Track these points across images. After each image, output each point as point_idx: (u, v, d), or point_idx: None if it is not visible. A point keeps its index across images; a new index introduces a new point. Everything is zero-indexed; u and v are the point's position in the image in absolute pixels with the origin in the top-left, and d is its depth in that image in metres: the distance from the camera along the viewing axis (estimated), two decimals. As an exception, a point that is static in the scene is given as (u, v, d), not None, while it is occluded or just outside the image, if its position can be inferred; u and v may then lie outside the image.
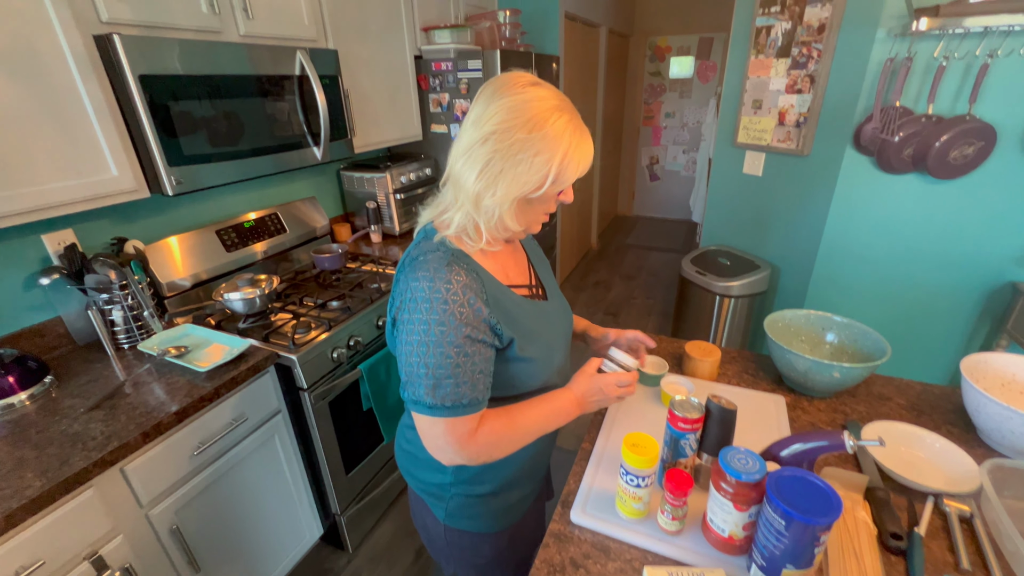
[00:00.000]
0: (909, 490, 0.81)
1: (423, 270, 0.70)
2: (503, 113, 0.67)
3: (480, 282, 0.72)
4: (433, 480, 0.87)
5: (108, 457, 0.97)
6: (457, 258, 0.72)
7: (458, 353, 0.69)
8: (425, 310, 0.68)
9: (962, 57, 1.57)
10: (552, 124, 0.67)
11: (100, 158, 1.14)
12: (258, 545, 1.39)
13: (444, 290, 0.68)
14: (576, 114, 0.71)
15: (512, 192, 0.69)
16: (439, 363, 0.68)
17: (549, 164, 0.68)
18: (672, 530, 0.74)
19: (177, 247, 1.53)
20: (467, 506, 0.87)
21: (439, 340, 0.68)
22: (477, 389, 0.71)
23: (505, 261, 0.82)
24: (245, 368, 1.24)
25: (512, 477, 0.88)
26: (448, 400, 0.69)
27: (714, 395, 0.77)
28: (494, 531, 0.91)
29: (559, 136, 0.67)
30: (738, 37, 2.20)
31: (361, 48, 1.84)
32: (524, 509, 0.95)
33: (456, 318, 0.68)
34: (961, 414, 0.99)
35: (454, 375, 0.69)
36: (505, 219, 0.72)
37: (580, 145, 0.69)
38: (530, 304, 0.81)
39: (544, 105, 0.68)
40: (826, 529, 0.58)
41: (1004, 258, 1.74)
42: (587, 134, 0.71)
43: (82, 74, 1.08)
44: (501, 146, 0.67)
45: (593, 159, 0.75)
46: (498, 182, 0.69)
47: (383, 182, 2.09)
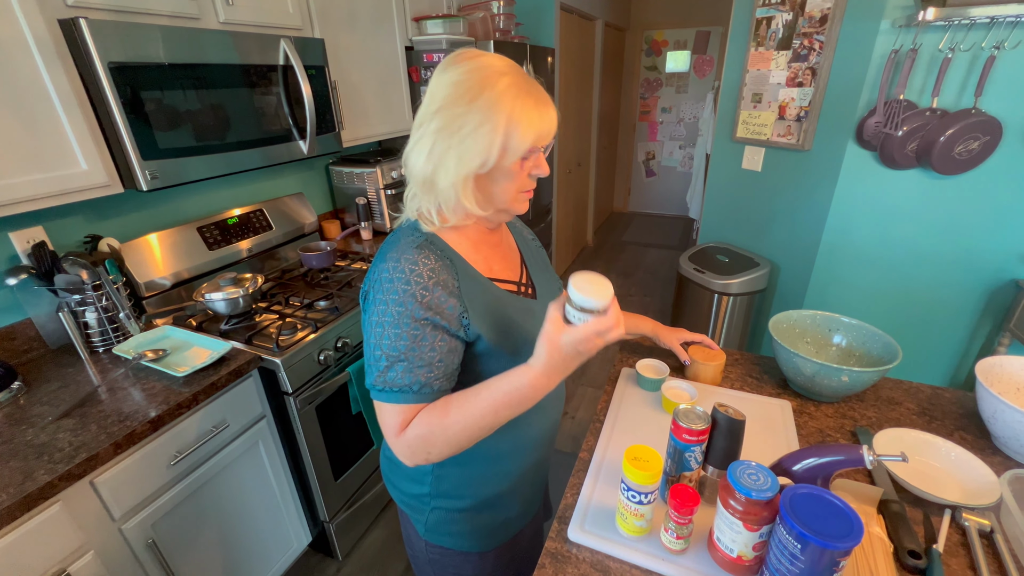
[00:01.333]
0: (925, 503, 0.77)
1: (392, 252, 0.67)
2: (445, 88, 0.64)
3: (452, 269, 0.68)
4: (412, 491, 0.82)
5: (76, 470, 0.91)
6: (430, 243, 0.69)
7: (413, 336, 0.64)
8: (386, 291, 0.65)
9: (968, 49, 1.53)
10: (491, 90, 0.62)
11: (68, 151, 1.07)
12: (243, 555, 1.33)
13: (408, 270, 0.65)
14: (523, 78, 0.65)
15: (462, 169, 0.64)
16: (392, 344, 0.64)
17: (493, 134, 0.62)
18: (676, 549, 0.69)
19: (156, 245, 1.47)
20: (447, 521, 0.81)
21: (395, 321, 0.64)
22: (432, 376, 0.66)
23: (489, 255, 0.77)
24: (226, 372, 1.18)
25: (496, 493, 0.81)
26: (395, 384, 0.64)
27: (720, 404, 0.73)
28: (477, 551, 0.84)
29: (498, 100, 0.62)
30: (737, 29, 2.14)
31: (349, 38, 1.77)
32: (515, 530, 0.88)
33: (415, 299, 0.64)
34: (974, 419, 0.95)
35: (407, 358, 0.64)
36: (463, 201, 0.66)
37: (527, 108, 0.63)
38: (514, 299, 0.75)
39: (486, 72, 0.63)
40: (846, 554, 0.53)
41: (1008, 255, 1.71)
42: (538, 96, 0.65)
43: (46, 61, 1.01)
44: (444, 122, 0.63)
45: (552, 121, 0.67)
46: (446, 161, 0.64)
47: (373, 177, 2.03)
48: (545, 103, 0.66)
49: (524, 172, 0.68)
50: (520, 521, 0.89)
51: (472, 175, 0.65)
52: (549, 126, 0.66)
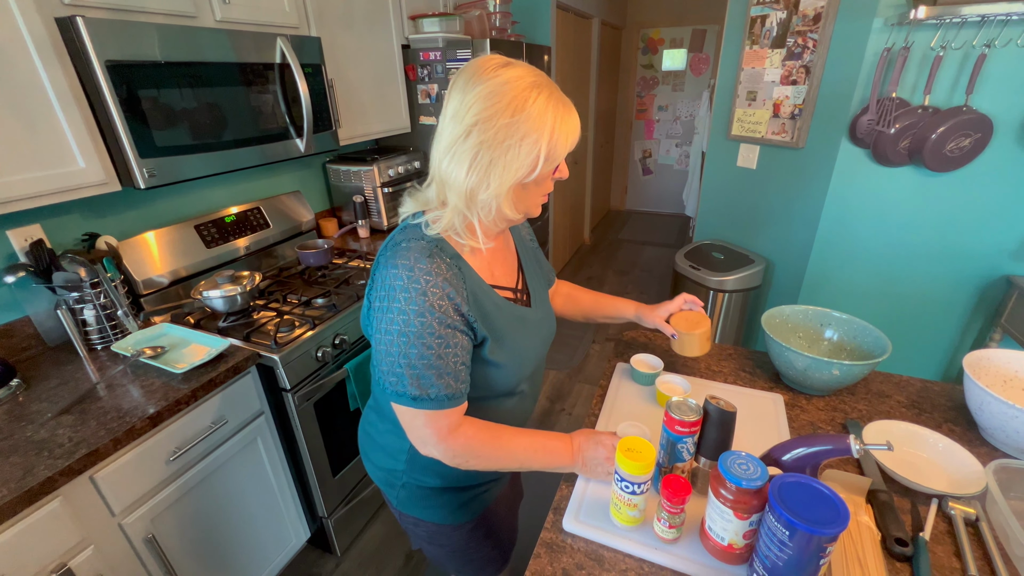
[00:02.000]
0: (912, 492, 0.79)
1: (403, 258, 0.68)
2: (481, 101, 0.65)
3: (461, 277, 0.70)
4: (386, 465, 0.88)
5: (76, 465, 0.91)
6: (440, 249, 0.70)
7: (440, 344, 0.67)
8: (404, 300, 0.67)
9: (959, 47, 1.55)
10: (533, 103, 0.64)
11: (65, 149, 1.08)
12: (242, 551, 1.34)
13: (424, 281, 0.66)
14: (555, 88, 0.68)
15: (507, 181, 0.67)
16: (421, 354, 0.67)
17: (539, 144, 0.65)
18: (669, 538, 0.70)
19: (154, 243, 1.47)
20: (418, 496, 0.87)
21: (420, 332, 0.67)
22: (460, 380, 0.70)
23: (492, 260, 0.80)
24: (225, 369, 1.19)
25: (463, 474, 0.85)
26: (432, 392, 0.68)
27: (712, 396, 0.74)
28: (449, 523, 0.90)
29: (543, 113, 0.65)
30: (732, 27, 2.16)
31: (346, 36, 1.78)
32: (484, 504, 0.93)
33: (436, 309, 0.67)
34: (962, 412, 0.96)
35: (436, 366, 0.68)
36: (504, 209, 0.70)
37: (566, 118, 0.67)
38: (511, 307, 0.78)
39: (521, 84, 0.65)
40: (832, 540, 0.55)
41: (999, 251, 1.73)
42: (570, 105, 0.69)
43: (43, 60, 1.01)
44: (486, 136, 0.65)
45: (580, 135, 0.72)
46: (490, 174, 0.66)
47: (370, 175, 2.03)
48: (574, 111, 0.69)
49: (551, 180, 0.73)
50: (490, 496, 0.94)
51: (515, 185, 0.68)
52: (578, 134, 0.70)
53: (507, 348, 0.76)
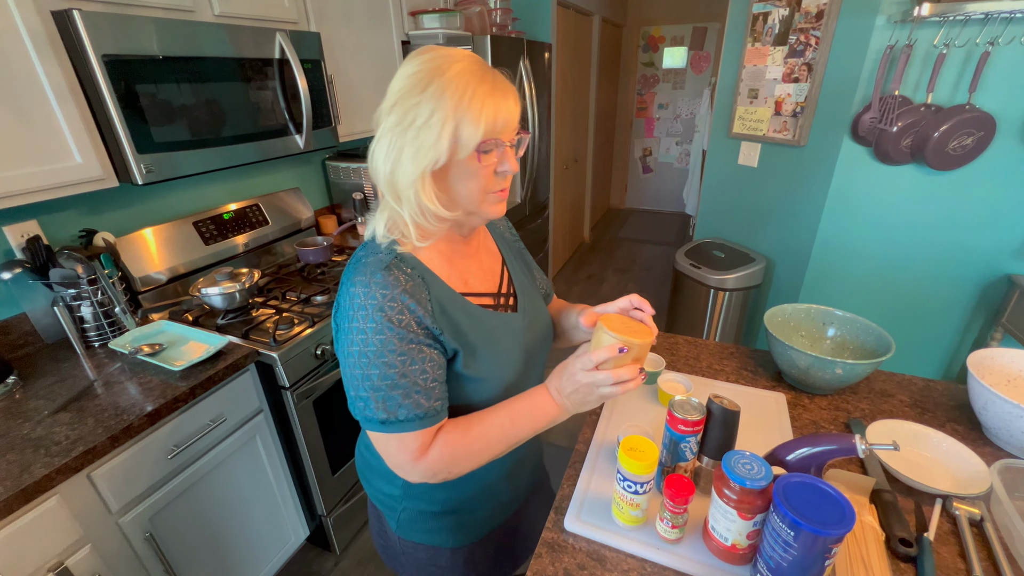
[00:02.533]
0: (916, 492, 0.78)
1: (360, 274, 0.62)
2: (400, 80, 0.61)
3: (425, 287, 0.65)
4: (384, 490, 0.82)
5: (73, 463, 0.91)
6: (401, 260, 0.64)
7: (403, 362, 0.62)
8: (361, 318, 0.61)
9: (962, 45, 1.54)
10: (440, 77, 0.58)
11: (62, 144, 1.06)
12: (240, 549, 1.33)
13: (380, 296, 0.61)
14: (479, 63, 0.61)
15: (416, 167, 0.59)
16: (383, 374, 0.61)
17: (443, 121, 0.58)
18: (671, 538, 0.70)
19: (152, 239, 1.46)
20: (419, 520, 0.81)
21: (379, 350, 0.61)
22: (432, 398, 0.64)
23: (465, 267, 0.73)
24: (223, 366, 1.18)
25: (467, 497, 0.80)
26: (400, 413, 0.62)
27: (715, 395, 0.73)
28: (449, 546, 0.84)
29: (446, 86, 0.58)
30: (734, 24, 2.15)
31: (345, 32, 1.77)
32: (486, 530, 0.87)
33: (395, 324, 0.61)
34: (965, 411, 0.96)
35: (401, 386, 0.62)
36: (425, 203, 0.61)
37: (477, 93, 0.58)
38: (487, 316, 0.71)
39: (441, 62, 0.59)
40: (838, 541, 0.54)
41: (1001, 251, 1.73)
42: (492, 82, 0.60)
43: (39, 53, 1.00)
44: (398, 117, 0.60)
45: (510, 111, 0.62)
46: (402, 158, 0.60)
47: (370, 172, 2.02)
48: (503, 91, 0.61)
49: (487, 169, 0.62)
50: (494, 521, 0.88)
51: (428, 172, 0.61)
52: (507, 116, 0.61)
53: (484, 360, 0.69)
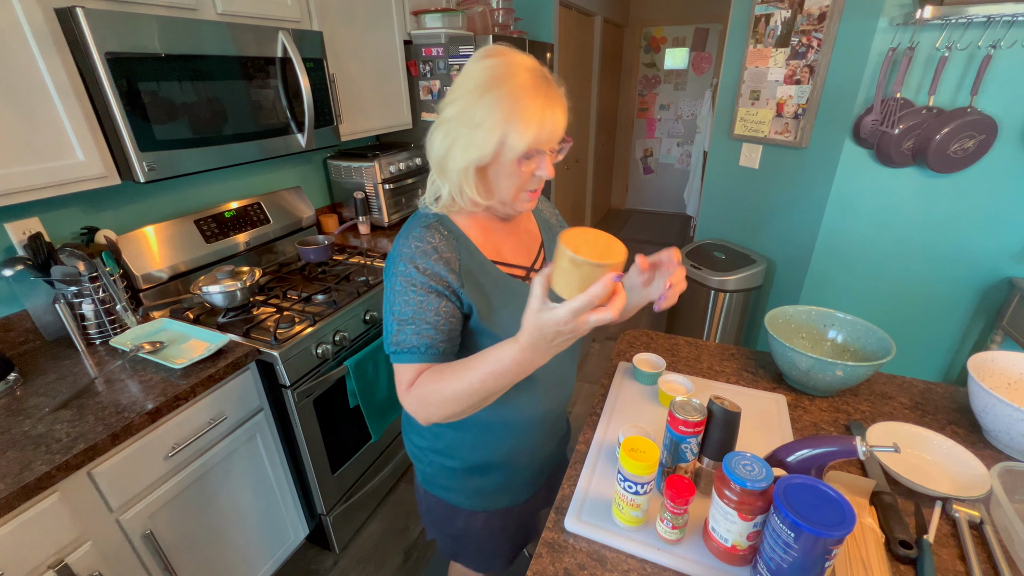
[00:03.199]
0: (916, 494, 0.78)
1: (404, 234, 0.74)
2: (467, 79, 0.67)
3: (455, 247, 0.73)
4: (416, 442, 0.92)
5: (73, 460, 0.91)
6: (440, 222, 0.74)
7: (418, 302, 0.70)
8: (393, 266, 0.73)
9: (964, 48, 1.54)
10: (500, 87, 0.64)
11: (64, 142, 1.07)
12: (240, 547, 1.34)
13: (414, 246, 0.71)
14: (538, 76, 0.66)
15: (464, 159, 0.68)
16: (402, 310, 0.71)
17: (494, 129, 0.65)
18: (672, 539, 0.70)
19: (153, 237, 1.46)
20: (440, 475, 0.90)
21: (402, 289, 0.71)
22: (437, 339, 0.70)
23: (501, 239, 0.80)
24: (224, 365, 1.18)
25: (486, 462, 0.87)
26: (405, 345, 0.70)
27: (716, 396, 0.73)
28: (466, 508, 0.92)
29: (503, 99, 0.64)
30: (736, 26, 2.15)
31: (348, 31, 1.77)
32: (504, 504, 0.94)
33: (417, 270, 0.70)
34: (965, 414, 0.96)
35: (414, 322, 0.70)
36: (465, 188, 0.70)
37: (529, 108, 0.64)
38: (512, 281, 0.78)
39: (505, 70, 0.65)
40: (838, 542, 0.54)
41: (1001, 254, 1.73)
42: (545, 97, 0.65)
43: (43, 51, 1.00)
44: (456, 111, 0.67)
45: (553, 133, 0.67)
46: (454, 149, 0.68)
47: (371, 171, 2.02)
48: (552, 105, 0.66)
49: (526, 172, 0.70)
50: (511, 496, 0.94)
51: (472, 166, 0.68)
52: (552, 129, 0.66)
53: (501, 319, 0.75)
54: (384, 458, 1.80)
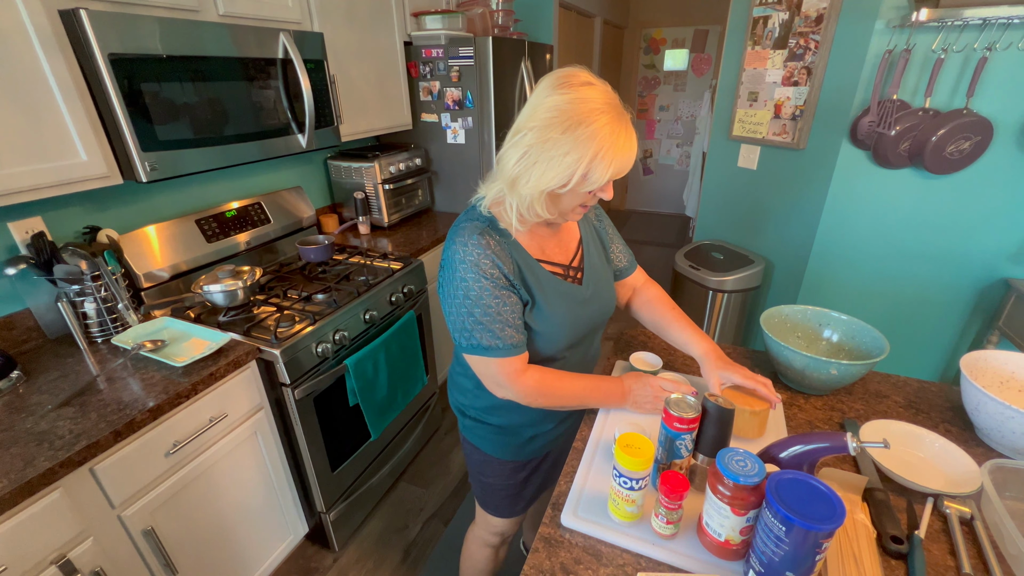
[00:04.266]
0: (908, 491, 0.79)
1: (460, 236, 0.81)
2: (548, 111, 0.73)
3: (508, 250, 0.82)
4: (460, 399, 1.04)
5: (76, 457, 0.92)
6: (492, 227, 0.83)
7: (498, 303, 0.80)
8: (463, 270, 0.80)
9: (960, 50, 1.55)
10: (587, 127, 0.71)
11: (68, 141, 1.08)
12: (240, 545, 1.34)
13: (476, 254, 0.79)
14: (619, 116, 0.73)
15: (542, 184, 0.75)
16: (484, 312, 0.80)
17: (576, 165, 0.72)
18: (666, 534, 0.71)
19: (155, 237, 1.47)
20: (478, 428, 1.02)
21: (479, 294, 0.80)
22: (520, 332, 0.83)
23: (544, 239, 0.89)
24: (225, 363, 1.19)
25: (517, 423, 0.98)
26: (499, 342, 0.81)
27: (711, 394, 0.74)
28: (498, 457, 1.03)
29: (591, 139, 0.71)
30: (735, 27, 2.16)
31: (348, 32, 1.78)
32: (532, 454, 1.04)
33: (489, 277, 0.80)
34: (959, 412, 0.97)
35: (499, 322, 0.80)
36: (535, 206, 0.78)
37: (613, 148, 0.72)
38: (555, 281, 0.87)
39: (586, 107, 0.71)
40: (828, 536, 0.55)
41: (997, 254, 1.74)
42: (626, 138, 0.73)
43: (47, 52, 1.02)
44: (538, 140, 0.73)
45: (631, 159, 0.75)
46: (531, 172, 0.75)
47: (371, 172, 2.04)
48: (631, 145, 0.74)
49: (589, 195, 0.79)
50: (535, 449, 1.04)
51: (550, 191, 0.76)
52: (628, 164, 0.74)
53: (544, 316, 0.85)
54: (384, 456, 1.81)
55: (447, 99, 2.19)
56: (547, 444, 1.05)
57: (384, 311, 1.65)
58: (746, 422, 0.84)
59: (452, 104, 2.19)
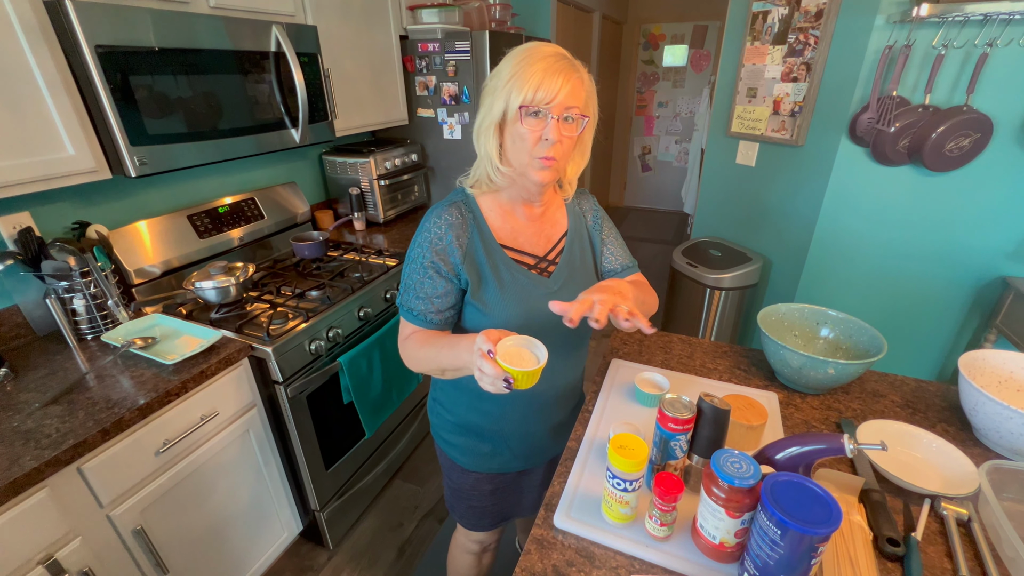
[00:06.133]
0: (905, 492, 0.78)
1: (436, 209, 0.84)
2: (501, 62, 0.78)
3: (470, 226, 0.83)
4: (432, 394, 1.04)
5: (63, 456, 0.90)
6: (464, 201, 0.85)
7: (421, 274, 0.83)
8: (419, 235, 0.84)
9: (961, 46, 1.54)
10: (512, 57, 0.75)
11: (54, 135, 1.06)
12: (232, 543, 1.33)
13: (433, 222, 0.82)
14: (553, 53, 0.75)
15: (485, 119, 0.78)
16: (409, 275, 0.84)
17: (501, 92, 0.75)
18: (660, 536, 0.70)
19: (146, 232, 1.45)
20: (443, 426, 1.01)
21: (414, 257, 0.84)
22: (428, 307, 0.83)
23: (519, 227, 0.88)
24: (216, 361, 1.17)
25: (475, 423, 0.96)
26: (408, 304, 0.84)
27: (706, 394, 0.73)
28: (460, 465, 1.02)
29: (512, 66, 0.74)
30: (734, 23, 2.14)
31: (343, 25, 1.76)
32: (496, 467, 1.01)
33: (429, 245, 0.82)
34: (956, 412, 0.96)
35: (414, 288, 0.84)
36: (491, 152, 0.80)
37: (528, 69, 0.73)
38: (515, 269, 0.85)
39: (527, 49, 0.75)
40: (824, 540, 0.54)
41: (995, 252, 1.73)
42: (546, 64, 0.73)
43: (31, 44, 0.99)
44: (487, 85, 0.79)
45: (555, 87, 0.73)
46: (480, 114, 0.80)
47: (367, 167, 2.02)
48: (555, 72, 0.72)
49: (533, 134, 0.75)
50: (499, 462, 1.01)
51: (492, 127, 0.78)
52: (549, 89, 0.72)
53: (495, 298, 0.84)
54: (378, 454, 1.80)
55: (443, 94, 2.16)
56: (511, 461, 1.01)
57: (379, 308, 1.63)
58: (742, 436, 0.82)
59: (448, 99, 2.16)
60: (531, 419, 0.98)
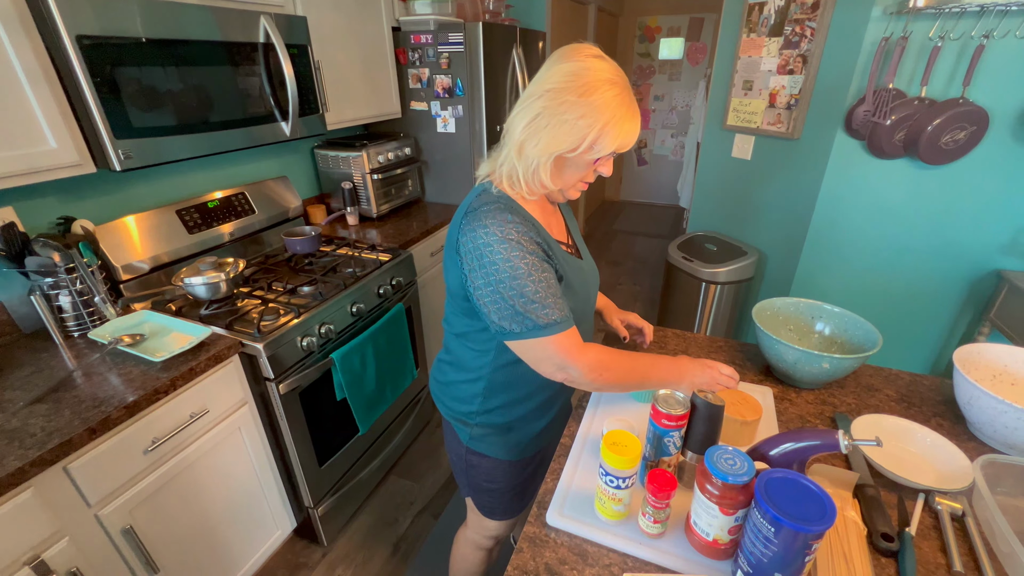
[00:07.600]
0: (899, 487, 0.78)
1: (488, 219, 0.76)
2: (560, 76, 0.74)
3: (534, 228, 0.80)
4: (460, 409, 0.98)
5: (48, 455, 0.89)
6: (510, 207, 0.79)
7: (546, 278, 0.77)
8: (504, 251, 0.75)
9: (957, 38, 1.53)
10: (601, 94, 0.72)
11: (35, 128, 1.03)
12: (225, 541, 1.32)
13: (515, 231, 0.76)
14: (628, 91, 0.75)
15: (551, 147, 0.75)
16: (535, 290, 0.75)
17: (589, 129, 0.72)
18: (654, 533, 0.69)
19: (134, 227, 1.43)
20: (488, 435, 0.97)
21: (527, 271, 0.75)
22: (566, 305, 0.79)
23: (549, 220, 0.88)
24: (206, 358, 1.16)
25: (524, 415, 0.96)
26: (553, 317, 0.76)
27: (700, 389, 0.73)
28: (507, 459, 1.00)
29: (604, 106, 0.72)
30: (730, 15, 2.12)
31: (334, 16, 1.73)
32: (536, 447, 1.02)
33: (528, 252, 0.76)
34: (951, 406, 0.96)
35: (548, 295, 0.76)
36: (541, 172, 0.78)
37: (624, 119, 0.74)
38: (569, 257, 0.87)
39: (599, 76, 0.73)
40: (818, 537, 0.54)
41: (990, 246, 1.73)
42: (634, 112, 0.75)
43: (9, 33, 0.97)
44: (551, 104, 0.74)
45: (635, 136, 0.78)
46: (540, 135, 0.75)
47: (359, 161, 1.99)
48: (637, 120, 0.76)
49: (592, 168, 0.80)
50: (539, 440, 1.02)
51: (556, 155, 0.76)
52: (632, 140, 0.76)
53: (573, 291, 0.85)
54: (373, 450, 1.79)
55: (437, 87, 2.14)
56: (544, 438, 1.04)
57: (372, 304, 1.62)
58: (736, 432, 0.82)
59: (442, 92, 2.14)
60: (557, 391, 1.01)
